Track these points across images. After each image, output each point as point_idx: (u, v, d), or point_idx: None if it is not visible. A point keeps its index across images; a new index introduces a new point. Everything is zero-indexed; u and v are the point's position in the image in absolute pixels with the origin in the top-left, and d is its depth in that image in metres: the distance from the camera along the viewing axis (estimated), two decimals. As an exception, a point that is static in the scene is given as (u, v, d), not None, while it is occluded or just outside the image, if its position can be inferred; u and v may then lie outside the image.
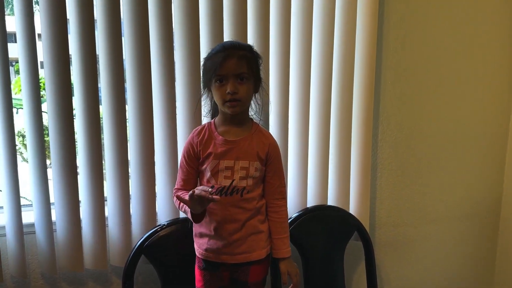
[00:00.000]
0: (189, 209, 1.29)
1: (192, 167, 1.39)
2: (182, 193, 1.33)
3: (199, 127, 1.42)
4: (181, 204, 1.33)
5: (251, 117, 1.42)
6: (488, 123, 2.13)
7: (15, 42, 1.46)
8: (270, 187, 1.41)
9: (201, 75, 1.36)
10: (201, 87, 1.41)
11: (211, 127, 1.38)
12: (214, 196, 1.20)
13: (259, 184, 1.40)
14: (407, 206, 2.08)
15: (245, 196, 1.34)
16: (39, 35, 1.47)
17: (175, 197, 1.35)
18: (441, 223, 2.15)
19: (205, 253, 1.39)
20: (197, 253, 1.42)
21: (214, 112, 1.44)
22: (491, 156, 2.18)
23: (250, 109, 1.40)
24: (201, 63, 1.56)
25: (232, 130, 1.36)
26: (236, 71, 1.26)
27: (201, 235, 1.40)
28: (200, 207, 1.25)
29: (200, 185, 1.38)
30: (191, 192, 1.21)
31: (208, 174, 1.35)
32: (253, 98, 1.38)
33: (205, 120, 1.57)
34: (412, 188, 2.07)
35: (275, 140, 1.42)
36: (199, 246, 1.41)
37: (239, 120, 1.36)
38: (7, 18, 1.43)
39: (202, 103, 1.48)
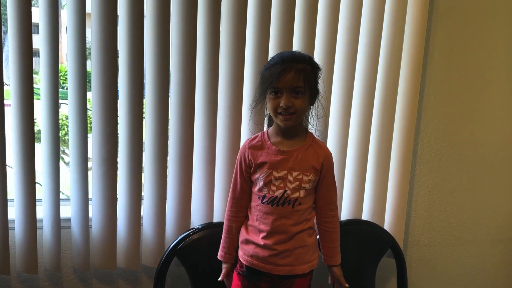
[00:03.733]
0: (224, 245, 1.44)
1: (245, 178, 1.39)
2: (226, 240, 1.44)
3: (253, 137, 1.41)
4: (223, 238, 1.45)
5: (306, 127, 1.41)
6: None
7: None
8: (324, 197, 1.39)
9: (259, 83, 1.35)
10: (256, 95, 1.39)
11: (264, 137, 1.37)
12: None
13: (310, 196, 1.38)
14: (441, 225, 2.03)
15: (296, 208, 1.33)
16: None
17: (225, 225, 1.44)
18: (476, 245, 2.09)
19: (250, 259, 1.37)
20: (241, 259, 1.41)
21: (269, 120, 1.43)
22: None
23: (306, 119, 1.39)
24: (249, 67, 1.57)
25: (285, 141, 1.35)
26: (292, 85, 1.25)
27: (247, 242, 1.38)
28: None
29: (252, 195, 1.40)
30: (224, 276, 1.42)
31: (260, 183, 1.34)
32: (308, 110, 1.36)
33: (252, 127, 1.58)
34: (447, 207, 2.02)
35: (330, 151, 1.40)
36: (244, 252, 1.39)
37: (292, 132, 1.35)
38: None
39: (254, 111, 1.48)
